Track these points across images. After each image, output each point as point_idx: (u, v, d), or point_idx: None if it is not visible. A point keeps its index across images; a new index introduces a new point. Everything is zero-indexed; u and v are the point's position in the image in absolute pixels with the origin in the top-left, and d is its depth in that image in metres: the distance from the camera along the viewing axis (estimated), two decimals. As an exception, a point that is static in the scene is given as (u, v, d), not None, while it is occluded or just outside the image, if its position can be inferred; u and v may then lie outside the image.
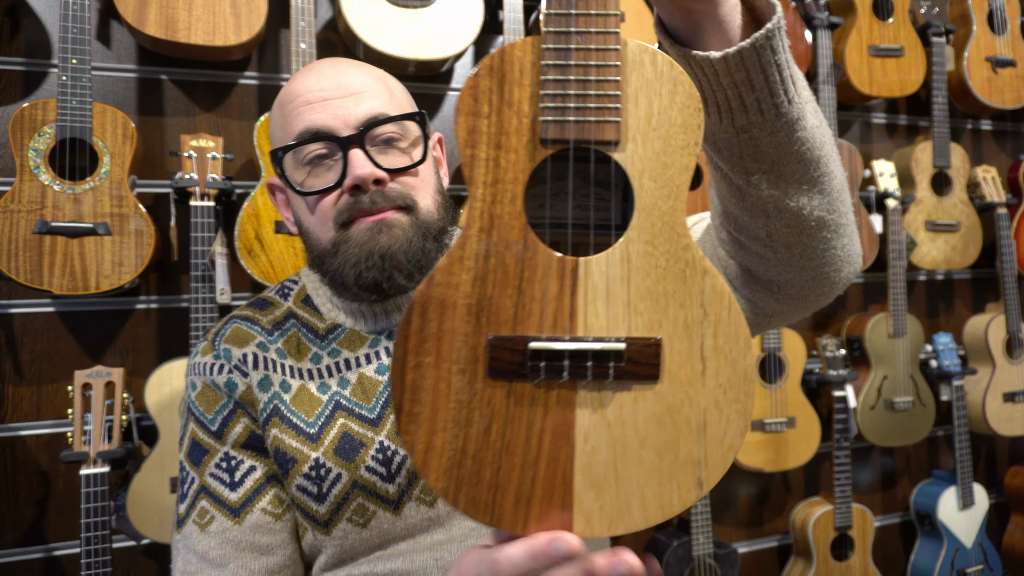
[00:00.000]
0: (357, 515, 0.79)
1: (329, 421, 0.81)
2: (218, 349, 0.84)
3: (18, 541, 1.54)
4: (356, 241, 0.80)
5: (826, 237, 0.66)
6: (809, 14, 2.05)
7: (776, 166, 0.59)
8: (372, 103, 0.81)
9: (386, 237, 0.79)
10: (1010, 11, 2.30)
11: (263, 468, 0.82)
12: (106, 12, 1.61)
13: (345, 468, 0.80)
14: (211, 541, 0.78)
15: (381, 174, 0.79)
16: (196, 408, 0.84)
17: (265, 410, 0.81)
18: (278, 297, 0.91)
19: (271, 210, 1.56)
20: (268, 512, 0.80)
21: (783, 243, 0.65)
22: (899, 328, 2.12)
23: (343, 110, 0.80)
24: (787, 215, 0.63)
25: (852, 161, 2.10)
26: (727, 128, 0.57)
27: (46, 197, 1.42)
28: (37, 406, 1.57)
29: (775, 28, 0.53)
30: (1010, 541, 2.33)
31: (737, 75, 0.53)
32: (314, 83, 0.82)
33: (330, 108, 0.80)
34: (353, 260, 0.79)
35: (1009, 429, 2.24)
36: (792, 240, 0.65)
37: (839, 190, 0.64)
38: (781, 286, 0.70)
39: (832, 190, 0.63)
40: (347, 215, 0.80)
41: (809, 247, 0.66)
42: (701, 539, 1.86)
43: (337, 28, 1.74)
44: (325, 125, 0.80)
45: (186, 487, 0.82)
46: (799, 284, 0.70)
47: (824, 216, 0.64)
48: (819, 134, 0.60)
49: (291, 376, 0.83)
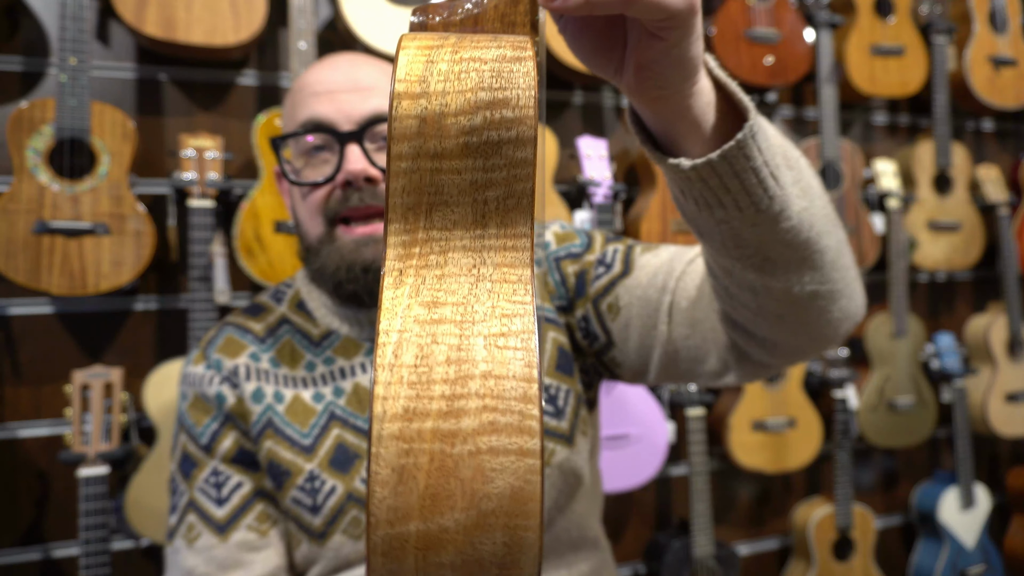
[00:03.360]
0: (352, 527, 0.79)
1: (324, 432, 0.81)
2: (210, 359, 0.84)
3: (16, 542, 1.54)
4: (339, 248, 0.79)
5: (820, 306, 0.62)
6: (810, 13, 2.04)
7: (761, 251, 0.55)
8: (379, 101, 0.80)
9: (371, 251, 0.78)
10: (1012, 10, 2.29)
11: (250, 484, 0.81)
12: (105, 11, 1.61)
13: (340, 480, 0.79)
14: (197, 558, 0.78)
15: (374, 172, 0.78)
16: (187, 420, 0.83)
17: (259, 423, 0.81)
18: (272, 302, 0.90)
19: (270, 210, 1.55)
20: (253, 529, 0.80)
21: (774, 314, 0.62)
22: (900, 328, 2.11)
23: (348, 104, 0.79)
24: (776, 292, 0.59)
25: (853, 161, 2.09)
26: (707, 218, 0.53)
27: (44, 197, 1.41)
28: (35, 406, 1.56)
29: (746, 137, 0.49)
30: (1012, 542, 2.33)
31: (711, 181, 0.50)
32: (326, 75, 0.81)
33: (336, 101, 0.79)
34: (333, 268, 0.79)
35: (1011, 430, 2.23)
36: (783, 311, 0.62)
37: (833, 261, 0.60)
38: (776, 345, 0.67)
39: (824, 264, 0.59)
40: (336, 211, 0.79)
41: (802, 316, 0.62)
42: (701, 540, 1.85)
43: (337, 28, 1.73)
44: (327, 118, 0.79)
45: (176, 499, 0.82)
46: (794, 344, 0.66)
47: (817, 288, 0.60)
48: (807, 217, 0.55)
49: (284, 386, 0.83)
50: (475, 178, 0.33)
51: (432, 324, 0.31)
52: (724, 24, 1.95)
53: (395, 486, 0.28)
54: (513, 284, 0.33)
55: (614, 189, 1.78)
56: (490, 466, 0.29)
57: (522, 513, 0.29)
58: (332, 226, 0.80)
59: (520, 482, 0.29)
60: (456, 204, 0.33)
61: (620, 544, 2.00)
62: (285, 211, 1.57)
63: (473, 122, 0.33)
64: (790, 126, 2.24)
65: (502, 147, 0.33)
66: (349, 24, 1.60)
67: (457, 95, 0.33)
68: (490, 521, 0.29)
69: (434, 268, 0.33)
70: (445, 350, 0.30)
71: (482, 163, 0.33)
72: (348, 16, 1.61)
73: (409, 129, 0.32)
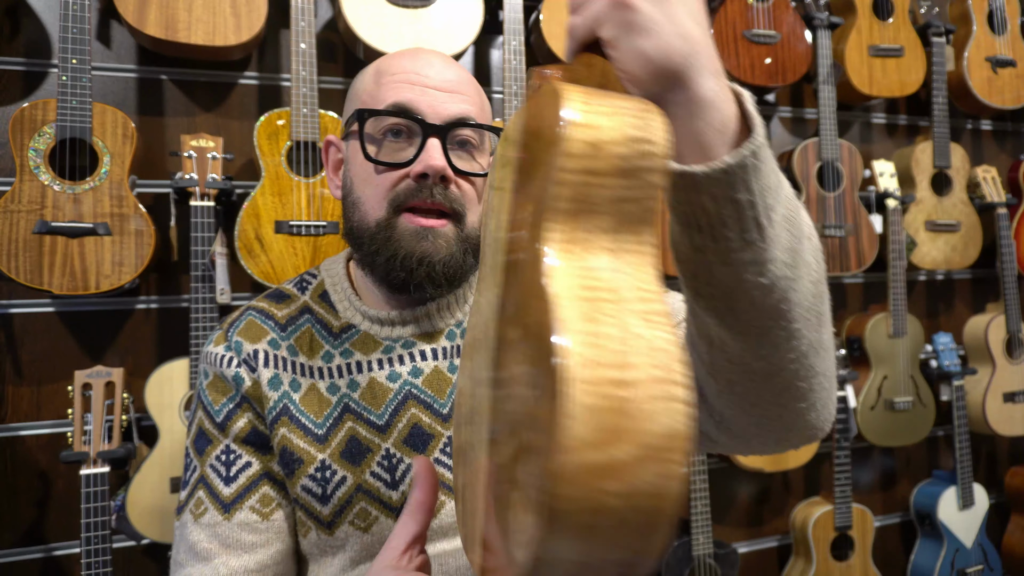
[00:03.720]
0: (359, 519, 0.79)
1: (337, 423, 0.82)
2: (230, 340, 0.85)
3: (18, 541, 1.54)
4: (400, 236, 0.80)
5: (775, 395, 0.57)
6: (809, 14, 2.05)
7: (728, 298, 0.52)
8: (466, 105, 0.82)
9: (430, 245, 0.79)
10: (1010, 11, 2.30)
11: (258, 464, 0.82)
12: (106, 12, 1.61)
13: (351, 471, 0.80)
14: (201, 533, 0.79)
15: (451, 172, 0.79)
16: (206, 397, 0.84)
17: (274, 409, 0.82)
18: (296, 290, 0.91)
19: (271, 210, 1.56)
20: (255, 511, 0.80)
21: (724, 378, 0.58)
22: (899, 328, 2.12)
23: (439, 101, 0.80)
24: (731, 352, 0.55)
25: (852, 161, 2.10)
26: (686, 243, 0.51)
27: (46, 197, 1.42)
28: (37, 406, 1.57)
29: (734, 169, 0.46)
30: (1010, 541, 2.33)
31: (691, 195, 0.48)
32: (420, 67, 0.83)
33: (428, 95, 0.81)
34: (389, 253, 0.79)
35: (1009, 429, 2.23)
36: (734, 379, 0.57)
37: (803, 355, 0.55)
38: (724, 418, 0.61)
39: (791, 350, 0.54)
40: (403, 199, 0.80)
41: (752, 396, 0.57)
42: (701, 539, 1.86)
43: (337, 28, 1.74)
44: (417, 107, 0.80)
45: (188, 474, 0.83)
46: (741, 425, 0.61)
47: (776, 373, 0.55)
48: (784, 286, 0.51)
49: (301, 375, 0.83)
50: (619, 194, 0.41)
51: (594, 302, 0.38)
52: (723, 24, 1.95)
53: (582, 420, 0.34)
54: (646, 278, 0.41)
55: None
56: (653, 409, 0.35)
57: (675, 448, 0.35)
58: (396, 213, 0.80)
59: (676, 423, 0.35)
60: (603, 213, 0.41)
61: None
62: (286, 211, 1.57)
63: (625, 151, 0.41)
64: (789, 126, 2.25)
65: (641, 173, 0.41)
66: (349, 24, 1.61)
67: (614, 129, 0.41)
68: (651, 454, 0.35)
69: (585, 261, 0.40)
70: (610, 320, 0.37)
71: (626, 183, 0.41)
72: (348, 16, 1.61)
73: (578, 150, 0.40)
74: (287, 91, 1.74)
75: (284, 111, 1.60)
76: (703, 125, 0.47)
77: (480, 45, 1.90)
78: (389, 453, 0.81)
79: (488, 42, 1.92)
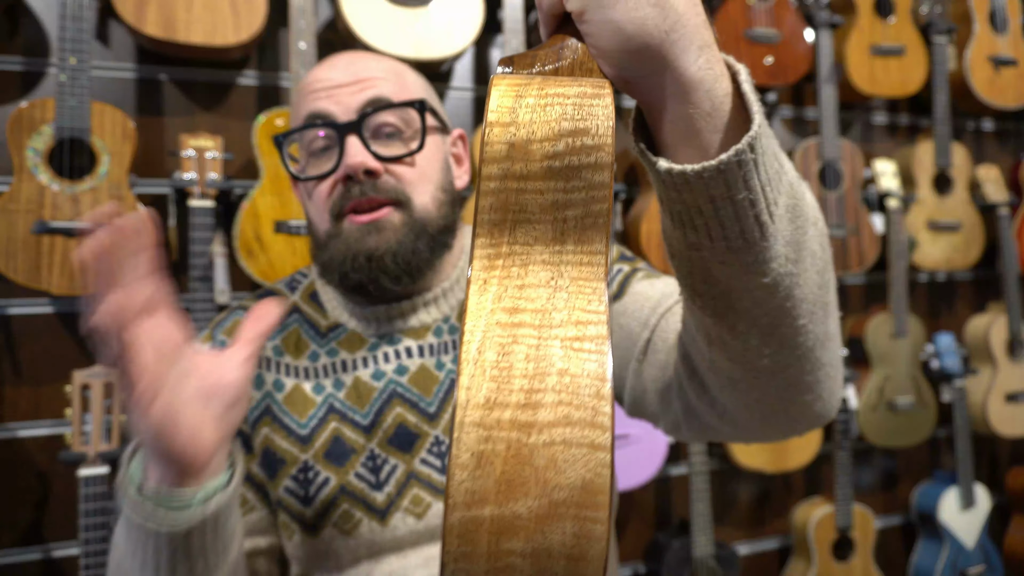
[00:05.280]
0: (342, 521, 0.78)
1: (322, 424, 0.81)
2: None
3: (16, 542, 1.54)
4: (345, 239, 0.78)
5: (779, 390, 0.54)
6: (810, 13, 2.04)
7: (727, 298, 0.49)
8: (373, 91, 0.79)
9: (375, 239, 0.78)
10: (1012, 10, 2.29)
11: None
12: (105, 11, 1.61)
13: (334, 473, 0.79)
14: None
15: (373, 164, 0.77)
16: None
17: (256, 409, 0.81)
18: (286, 290, 0.91)
19: (270, 210, 1.55)
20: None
21: (726, 375, 0.56)
22: (900, 328, 2.11)
23: (345, 96, 0.79)
24: (732, 352, 0.53)
25: (853, 161, 2.09)
26: (680, 239, 0.47)
27: (44, 197, 1.41)
28: (35, 406, 1.56)
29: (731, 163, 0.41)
30: (1012, 542, 2.33)
31: (685, 194, 0.44)
32: (326, 72, 0.81)
33: (335, 95, 0.79)
34: (339, 258, 0.78)
35: (1011, 430, 2.23)
36: (737, 376, 0.55)
37: (809, 351, 0.52)
38: (726, 411, 0.60)
39: (798, 347, 0.51)
40: (340, 206, 0.79)
41: (755, 393, 0.55)
42: (702, 540, 1.86)
43: (337, 28, 1.73)
44: (326, 111, 0.79)
45: None
46: (744, 419, 0.59)
47: (781, 371, 0.53)
48: (788, 283, 0.48)
49: (285, 375, 0.83)
50: (556, 199, 0.36)
51: (513, 327, 0.33)
52: (724, 24, 1.95)
53: (473, 470, 0.30)
54: (588, 296, 0.35)
55: (614, 189, 1.78)
56: (563, 457, 0.31)
57: (592, 504, 0.30)
58: (339, 220, 0.79)
59: (591, 474, 0.30)
60: (538, 222, 0.36)
61: (620, 544, 2.00)
62: (285, 211, 1.57)
63: (556, 148, 0.35)
64: (790, 126, 2.24)
65: (582, 171, 0.36)
66: (349, 24, 1.60)
67: (543, 124, 0.36)
68: (561, 511, 0.30)
69: (515, 279, 0.35)
70: (524, 349, 0.32)
71: (563, 185, 0.36)
72: (348, 16, 1.61)
73: (499, 153, 0.35)
74: (287, 91, 1.74)
75: (284, 111, 1.59)
76: (691, 110, 0.42)
77: (480, 45, 1.89)
78: (374, 454, 0.80)
79: (488, 42, 1.91)
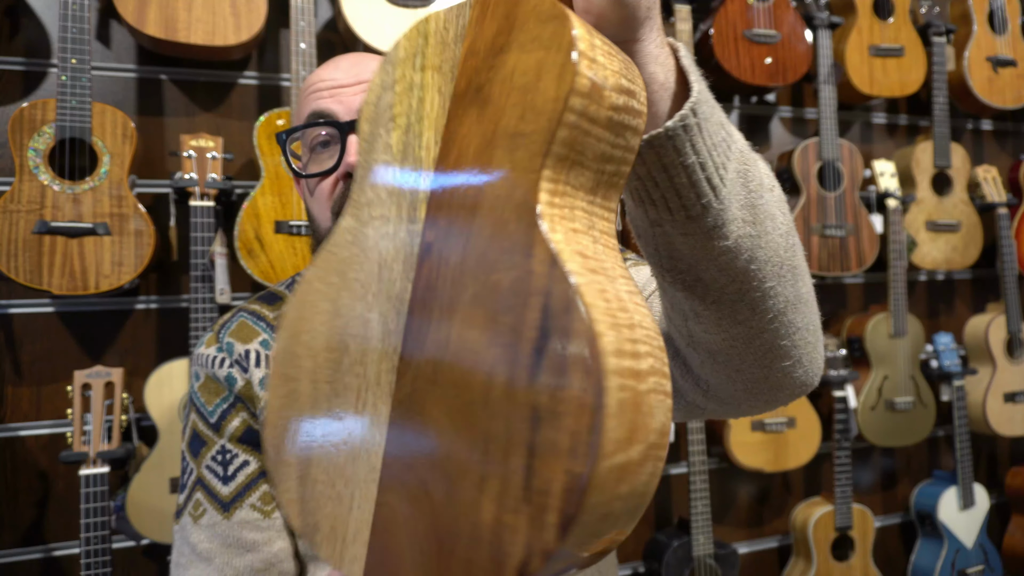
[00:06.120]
0: None
1: None
2: (222, 342, 0.85)
3: (17, 541, 1.54)
4: None
5: (758, 357, 0.55)
6: (809, 14, 2.05)
7: (694, 270, 0.50)
8: None
9: None
10: (1011, 11, 2.30)
11: (256, 462, 0.82)
12: (106, 12, 1.61)
13: None
14: (202, 534, 0.79)
15: None
16: (198, 399, 0.84)
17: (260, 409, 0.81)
18: (287, 291, 0.91)
19: (271, 210, 1.56)
20: (256, 508, 0.80)
21: (705, 348, 0.57)
22: (899, 328, 2.11)
23: (348, 96, 0.80)
24: (707, 323, 0.54)
25: (852, 161, 2.09)
26: (642, 217, 0.49)
27: (46, 197, 1.42)
28: (37, 406, 1.56)
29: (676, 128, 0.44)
30: (1011, 542, 2.33)
31: (638, 168, 0.46)
32: (329, 72, 0.82)
33: (338, 95, 0.80)
34: None
35: (1010, 429, 2.23)
36: (715, 348, 0.56)
37: (781, 313, 0.53)
38: (710, 386, 0.61)
39: (768, 311, 0.52)
40: (341, 203, 0.79)
41: (735, 362, 0.56)
42: (701, 539, 1.86)
43: (337, 28, 1.73)
44: (328, 110, 0.80)
45: (185, 477, 0.83)
46: (728, 392, 0.60)
47: (756, 336, 0.54)
48: (749, 245, 0.49)
49: None
50: (604, 151, 0.36)
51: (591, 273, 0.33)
52: (724, 24, 1.95)
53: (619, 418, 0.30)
54: (614, 251, 0.36)
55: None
56: (655, 403, 0.32)
57: (663, 446, 0.32)
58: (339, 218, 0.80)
59: (665, 418, 0.32)
60: (586, 168, 0.36)
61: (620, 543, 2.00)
62: (286, 211, 1.57)
63: (618, 101, 0.35)
64: (789, 126, 2.25)
65: (626, 132, 0.36)
66: (349, 24, 1.61)
67: (612, 74, 0.35)
68: (651, 453, 0.31)
69: (568, 221, 0.34)
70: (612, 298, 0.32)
71: (612, 139, 0.36)
72: (348, 16, 1.61)
73: (584, 87, 0.34)
74: (287, 91, 1.74)
75: (284, 111, 1.60)
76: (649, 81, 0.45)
77: (480, 45, 1.90)
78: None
79: (488, 42, 1.92)
